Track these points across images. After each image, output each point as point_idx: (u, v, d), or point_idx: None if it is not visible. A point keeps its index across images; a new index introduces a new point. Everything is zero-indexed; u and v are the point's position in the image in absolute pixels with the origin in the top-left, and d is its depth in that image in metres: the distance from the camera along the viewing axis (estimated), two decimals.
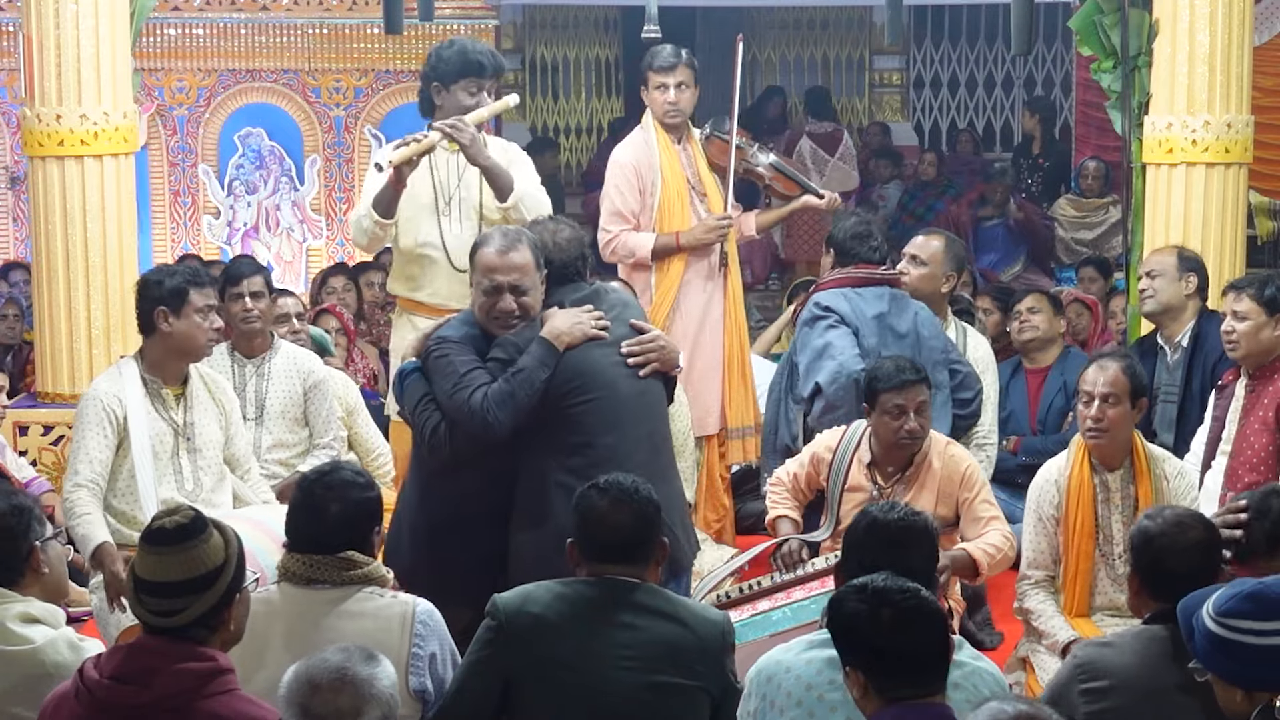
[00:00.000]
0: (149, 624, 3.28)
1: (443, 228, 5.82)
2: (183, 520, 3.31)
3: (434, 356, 4.64)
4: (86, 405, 5.00)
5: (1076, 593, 4.95)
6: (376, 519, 3.92)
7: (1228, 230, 6.71)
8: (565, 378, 4.56)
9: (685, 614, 3.85)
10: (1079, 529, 4.94)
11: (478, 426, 4.50)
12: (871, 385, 5.26)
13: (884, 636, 3.15)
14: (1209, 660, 3.16)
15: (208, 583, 3.27)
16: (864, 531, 3.79)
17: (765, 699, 3.51)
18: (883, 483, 5.31)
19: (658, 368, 4.74)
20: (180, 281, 5.03)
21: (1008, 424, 6.89)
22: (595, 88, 13.74)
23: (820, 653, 3.50)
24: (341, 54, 10.39)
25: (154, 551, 3.29)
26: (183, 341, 5.05)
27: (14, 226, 10.38)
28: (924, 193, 11.65)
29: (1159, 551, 3.73)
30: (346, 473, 3.95)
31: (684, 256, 6.51)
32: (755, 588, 5.12)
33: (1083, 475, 4.98)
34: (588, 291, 4.78)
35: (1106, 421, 4.91)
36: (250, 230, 10.63)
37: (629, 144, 6.62)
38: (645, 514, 3.88)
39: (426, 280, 5.85)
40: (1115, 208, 10.15)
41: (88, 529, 4.86)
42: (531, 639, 3.75)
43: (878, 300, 5.93)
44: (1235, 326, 5.42)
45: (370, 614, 3.76)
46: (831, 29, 13.95)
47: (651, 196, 6.47)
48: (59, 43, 6.46)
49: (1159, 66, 6.72)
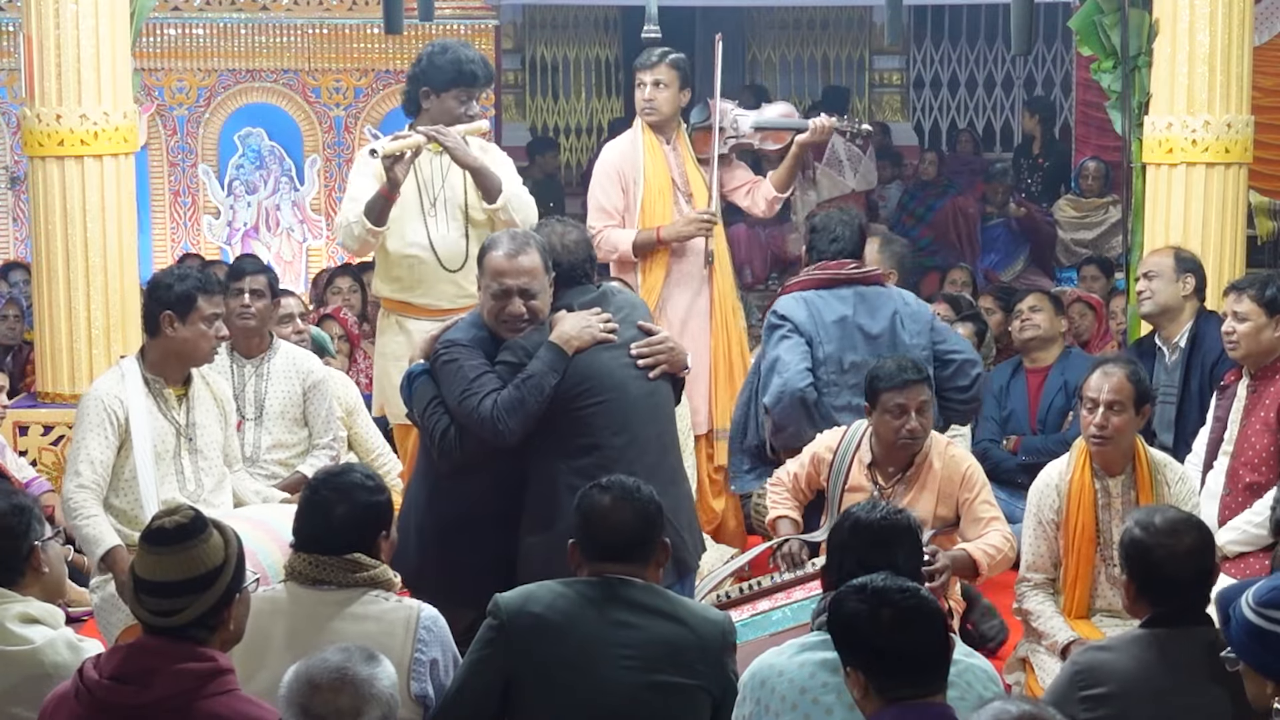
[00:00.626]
0: (148, 624, 3.28)
1: (429, 228, 5.87)
2: (182, 520, 3.31)
3: (443, 361, 4.63)
4: (87, 405, 4.99)
5: (1076, 595, 4.95)
6: (383, 523, 3.91)
7: (1228, 230, 6.71)
8: (574, 380, 4.56)
9: (685, 613, 3.85)
10: (1079, 533, 4.94)
11: (488, 433, 4.50)
12: (873, 385, 5.25)
13: (884, 636, 3.16)
14: (1243, 650, 3.17)
15: (207, 583, 3.27)
16: (848, 533, 3.79)
17: (759, 703, 3.51)
18: (883, 483, 5.30)
19: (666, 369, 4.75)
20: (190, 287, 5.01)
21: (1008, 423, 6.90)
22: (595, 88, 13.73)
23: (813, 655, 3.50)
24: (341, 54, 10.40)
25: (154, 551, 3.29)
26: (186, 347, 5.04)
27: (14, 226, 10.38)
28: (924, 193, 11.64)
29: (1157, 561, 3.73)
30: (356, 475, 3.94)
31: (667, 256, 6.47)
32: (755, 588, 5.12)
33: (1084, 480, 4.97)
34: (595, 294, 4.77)
35: (1111, 429, 4.90)
36: (250, 230, 10.63)
37: (615, 143, 6.66)
38: (646, 513, 3.88)
39: (415, 281, 5.90)
40: (1115, 208, 10.15)
41: (96, 531, 4.85)
42: (532, 638, 3.76)
43: (840, 303, 5.82)
44: (1236, 327, 5.42)
45: (374, 617, 3.76)
46: (831, 29, 13.94)
47: (634, 195, 6.48)
48: (59, 43, 6.46)
49: (1159, 66, 6.72)
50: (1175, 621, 3.70)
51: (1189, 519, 3.89)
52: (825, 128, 6.58)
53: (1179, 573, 3.71)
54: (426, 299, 5.88)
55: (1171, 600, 3.73)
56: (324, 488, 3.89)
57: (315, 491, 3.90)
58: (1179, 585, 3.71)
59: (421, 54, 6.00)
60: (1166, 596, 3.73)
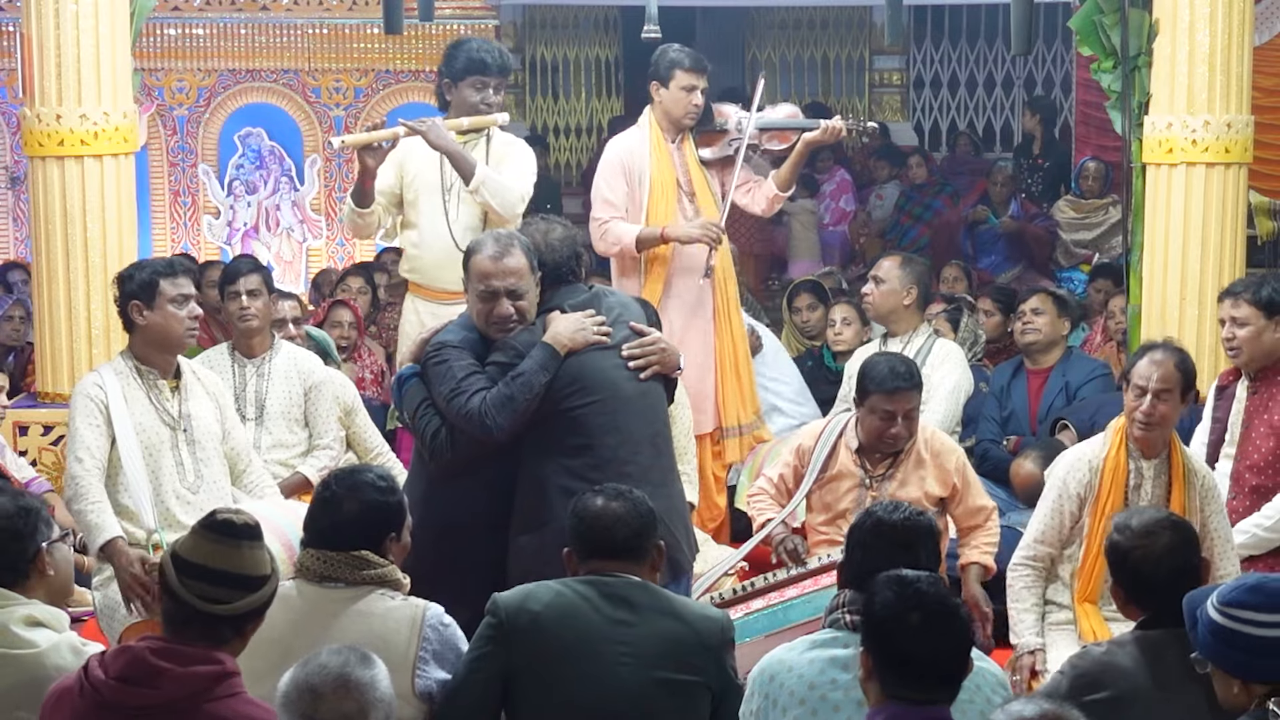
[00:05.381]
0: (191, 607, 3.29)
1: (448, 214, 6.11)
2: (249, 520, 3.38)
3: (433, 362, 4.64)
4: (75, 399, 5.06)
5: (1093, 575, 4.90)
6: (393, 524, 3.91)
7: (1228, 230, 6.70)
8: (567, 380, 4.56)
9: (684, 611, 3.88)
10: (1108, 511, 4.88)
11: (476, 430, 4.50)
12: (863, 382, 5.26)
13: (905, 635, 3.14)
14: (1209, 650, 3.20)
15: (255, 586, 3.33)
16: (869, 532, 3.78)
17: (768, 698, 3.51)
18: (871, 468, 5.31)
19: (658, 370, 4.75)
20: (149, 274, 5.04)
21: (1008, 423, 6.89)
22: (595, 88, 13.73)
23: (823, 652, 3.50)
24: (341, 54, 10.40)
25: (214, 540, 3.33)
26: (159, 333, 5.04)
27: (14, 226, 10.38)
28: (921, 193, 11.64)
29: (1135, 564, 3.76)
30: (369, 475, 3.96)
31: (668, 265, 6.48)
32: (752, 587, 5.13)
33: (1119, 459, 4.93)
34: (587, 295, 4.77)
35: (1158, 416, 4.88)
36: (250, 230, 10.63)
37: (621, 137, 6.67)
38: (639, 511, 3.93)
39: (432, 264, 6.13)
40: (1115, 208, 10.14)
41: (99, 518, 4.87)
42: (532, 637, 3.77)
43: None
44: (1235, 333, 5.40)
45: (379, 614, 3.77)
46: (831, 29, 13.95)
47: (639, 190, 6.48)
48: (59, 43, 6.45)
49: (1159, 66, 6.71)
50: (1168, 623, 3.70)
51: (1167, 519, 3.91)
52: (836, 129, 6.58)
53: (1157, 573, 3.73)
54: (441, 283, 6.07)
55: (1155, 601, 3.74)
56: (336, 484, 3.91)
57: (326, 488, 3.93)
58: (1158, 586, 3.73)
59: (445, 50, 6.32)
60: (1150, 597, 3.75)
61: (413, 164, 6.20)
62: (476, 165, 5.99)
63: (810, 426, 5.55)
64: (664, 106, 6.51)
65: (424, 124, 6.00)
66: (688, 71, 6.46)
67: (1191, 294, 6.67)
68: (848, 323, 7.57)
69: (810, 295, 8.39)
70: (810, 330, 8.25)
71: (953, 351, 6.85)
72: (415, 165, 6.18)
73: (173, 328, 5.04)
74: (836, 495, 5.34)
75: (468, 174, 5.98)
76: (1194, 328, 6.65)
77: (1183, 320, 6.67)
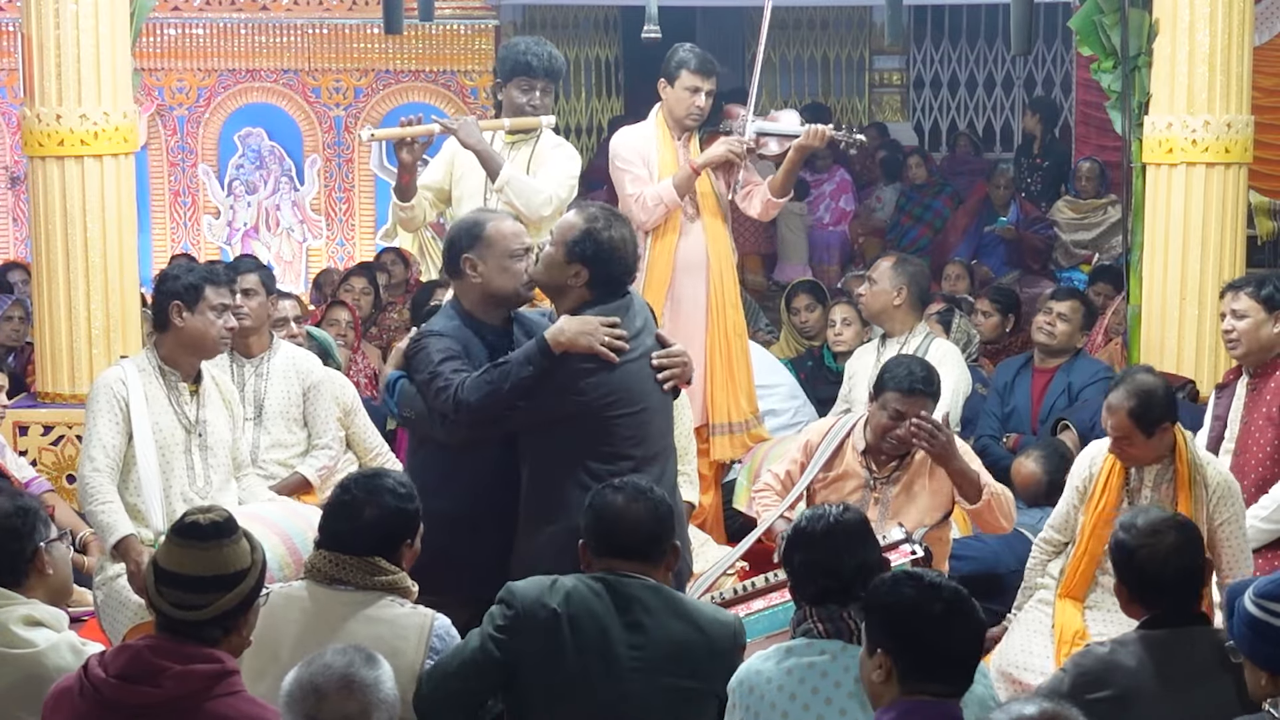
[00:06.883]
0: (167, 616, 3.29)
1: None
2: (217, 519, 3.34)
3: (413, 350, 4.65)
4: (96, 391, 5.08)
5: (1079, 572, 4.92)
6: (409, 532, 3.91)
7: (1228, 230, 6.70)
8: (611, 388, 4.49)
9: (697, 615, 3.86)
10: (1100, 514, 4.88)
11: (447, 406, 4.47)
12: (881, 377, 5.24)
13: (931, 628, 3.13)
14: (1242, 641, 3.24)
15: (232, 583, 3.29)
16: (815, 546, 3.72)
17: (749, 710, 3.51)
18: (877, 470, 5.30)
19: (677, 383, 4.74)
20: (197, 278, 5.11)
21: (1009, 420, 6.89)
22: (595, 88, 13.72)
23: (800, 659, 3.50)
24: (341, 54, 10.39)
25: (183, 545, 3.31)
26: (194, 337, 5.09)
27: (14, 226, 10.38)
28: (920, 193, 11.64)
29: (1141, 563, 3.76)
30: (390, 480, 3.95)
31: (668, 272, 6.49)
32: (753, 587, 5.11)
33: (1116, 462, 4.93)
34: (620, 302, 4.62)
35: (1125, 455, 4.90)
36: (250, 230, 10.63)
37: (631, 129, 6.76)
38: (660, 512, 3.90)
39: None
40: (1114, 208, 10.14)
41: (111, 518, 4.91)
42: (544, 631, 3.76)
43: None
44: (1235, 325, 5.44)
45: (388, 621, 3.77)
46: (831, 29, 13.94)
47: (649, 180, 6.51)
48: (59, 43, 6.46)
49: (1159, 66, 6.71)
50: (1172, 622, 3.71)
51: (1172, 518, 3.92)
52: (820, 134, 6.58)
53: (1162, 572, 3.74)
54: None
55: (1161, 600, 3.74)
56: (355, 488, 3.90)
57: (346, 490, 3.91)
58: (1163, 585, 3.74)
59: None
60: (1155, 597, 3.75)
61: (461, 162, 6.26)
62: (503, 165, 6.04)
63: (819, 423, 5.53)
64: (669, 105, 6.55)
65: (456, 121, 6.17)
66: (693, 73, 6.49)
67: (1191, 294, 6.67)
68: (848, 323, 7.59)
69: (809, 295, 8.41)
70: (809, 330, 8.26)
71: (951, 351, 6.84)
72: (464, 163, 6.25)
73: (209, 334, 5.09)
74: (841, 496, 5.32)
75: (494, 173, 6.03)
76: (1194, 328, 6.66)
77: (1183, 320, 6.68)
